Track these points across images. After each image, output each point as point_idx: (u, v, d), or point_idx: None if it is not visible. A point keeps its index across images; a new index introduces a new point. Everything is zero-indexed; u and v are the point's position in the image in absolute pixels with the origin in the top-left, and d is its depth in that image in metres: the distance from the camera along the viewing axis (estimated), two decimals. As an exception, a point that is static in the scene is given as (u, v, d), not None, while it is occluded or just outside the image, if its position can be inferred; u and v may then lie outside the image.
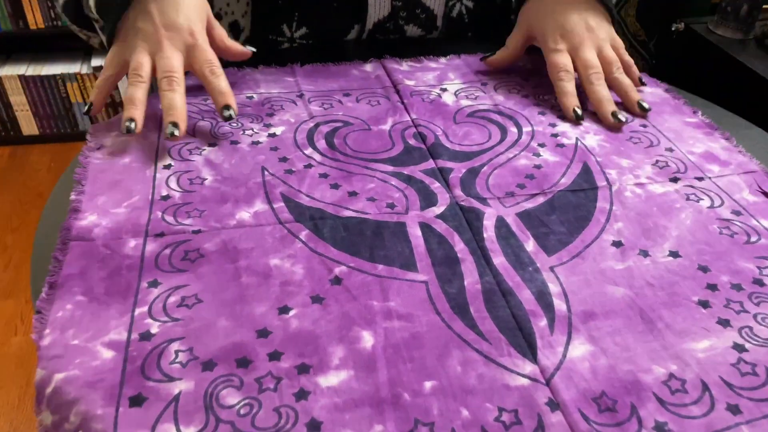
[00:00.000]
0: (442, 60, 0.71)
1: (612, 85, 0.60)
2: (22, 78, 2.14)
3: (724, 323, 0.39)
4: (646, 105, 0.59)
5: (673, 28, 0.85)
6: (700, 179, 0.52)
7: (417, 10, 0.73)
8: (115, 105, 2.21)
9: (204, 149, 0.53)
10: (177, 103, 0.51)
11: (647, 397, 0.34)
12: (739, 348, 0.37)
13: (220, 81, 0.53)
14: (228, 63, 0.68)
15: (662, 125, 0.60)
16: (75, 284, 0.40)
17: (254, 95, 0.61)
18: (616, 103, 0.60)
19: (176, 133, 0.50)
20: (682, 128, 0.59)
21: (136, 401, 0.33)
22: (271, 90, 0.62)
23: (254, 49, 0.61)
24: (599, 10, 0.63)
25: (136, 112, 0.51)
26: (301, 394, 0.34)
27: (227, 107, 0.52)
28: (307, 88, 0.63)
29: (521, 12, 0.65)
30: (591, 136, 0.58)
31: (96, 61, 2.18)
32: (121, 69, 0.55)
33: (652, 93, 0.66)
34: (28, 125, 2.25)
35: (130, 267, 0.41)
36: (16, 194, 2.04)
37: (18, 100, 2.19)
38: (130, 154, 0.52)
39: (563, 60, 0.60)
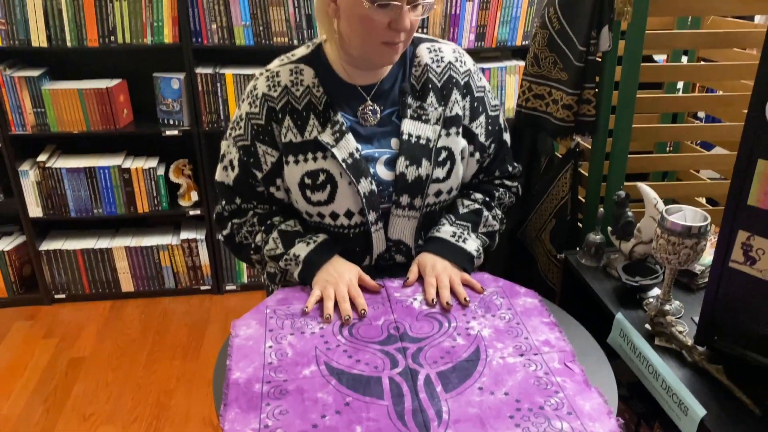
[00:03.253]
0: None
1: (453, 290, 1.19)
2: (127, 249, 2.79)
3: (518, 425, 0.88)
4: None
5: (556, 257, 1.38)
6: (536, 355, 1.03)
7: (401, 246, 1.29)
8: (195, 269, 2.82)
9: (287, 337, 1.07)
10: (348, 307, 1.14)
11: (471, 454, 0.84)
12: (519, 436, 0.87)
13: (356, 301, 1.16)
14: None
15: (528, 323, 1.12)
16: (234, 404, 0.92)
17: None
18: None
19: (351, 317, 1.12)
20: (538, 325, 1.11)
21: (265, 451, 0.84)
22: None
23: (383, 284, 1.23)
24: (453, 264, 1.24)
25: (330, 310, 1.13)
26: (330, 450, 0.85)
27: (348, 317, 1.13)
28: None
29: (418, 257, 1.27)
30: (486, 329, 1.10)
31: (184, 235, 2.83)
32: (318, 294, 1.17)
33: (531, 302, 1.18)
34: (126, 284, 2.87)
35: (257, 397, 0.94)
36: (115, 340, 2.60)
37: (121, 265, 2.83)
38: (252, 339, 1.06)
39: (432, 281, 1.19)
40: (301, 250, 1.23)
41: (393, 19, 1.10)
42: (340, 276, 1.19)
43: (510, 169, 1.38)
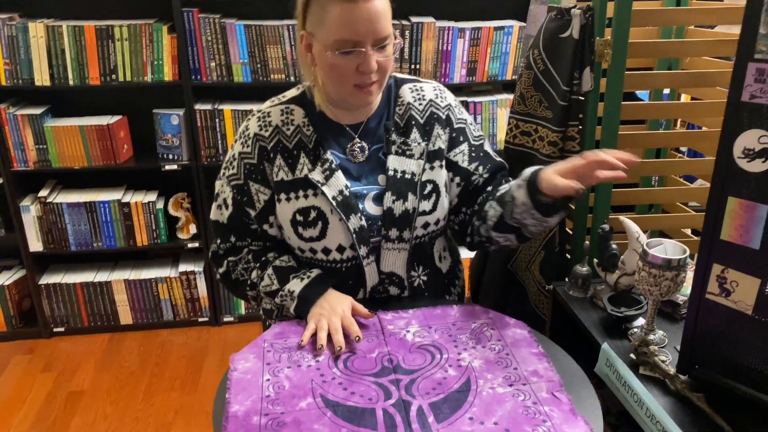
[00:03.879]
0: (410, 311, 1.29)
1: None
2: (126, 281, 2.82)
3: (506, 454, 0.92)
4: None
5: (546, 288, 1.43)
6: (525, 384, 1.07)
7: (393, 278, 1.33)
8: (193, 300, 2.85)
9: (284, 370, 1.11)
10: (341, 338, 1.15)
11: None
12: (507, 464, 0.90)
13: (349, 329, 1.19)
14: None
15: (517, 354, 1.16)
16: (233, 436, 0.96)
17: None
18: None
19: (343, 348, 1.15)
20: (527, 355, 1.15)
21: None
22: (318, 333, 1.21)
23: (374, 314, 1.25)
24: None
25: (323, 341, 1.16)
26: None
27: (340, 348, 1.16)
28: (334, 332, 1.22)
29: (544, 176, 1.14)
30: (477, 360, 1.13)
31: (182, 267, 2.86)
32: (313, 327, 1.20)
33: (520, 333, 1.22)
34: (125, 316, 2.89)
35: (255, 429, 0.97)
36: (114, 373, 2.61)
37: (120, 297, 2.86)
38: (250, 373, 1.10)
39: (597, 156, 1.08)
40: (296, 285, 1.27)
41: (359, 63, 1.16)
42: (333, 308, 1.23)
43: None
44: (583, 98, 1.44)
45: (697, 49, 1.54)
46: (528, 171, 1.21)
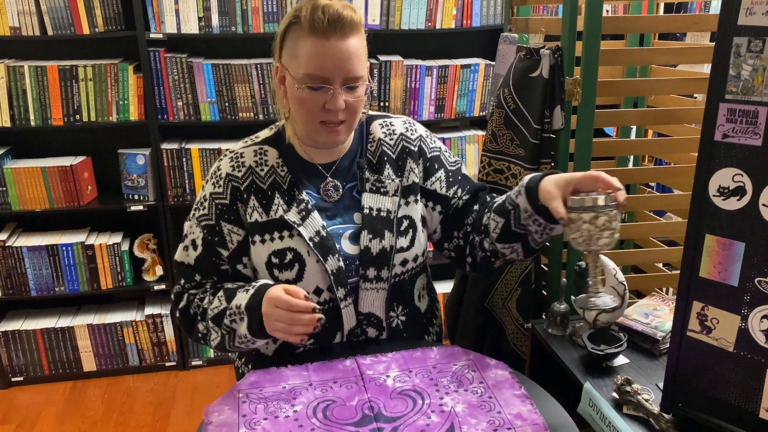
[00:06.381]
0: (389, 355, 1.27)
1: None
2: (90, 326, 2.72)
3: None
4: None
5: (524, 327, 1.42)
6: (509, 429, 1.05)
7: (372, 319, 1.30)
8: (160, 344, 2.77)
9: (260, 422, 1.06)
10: (303, 329, 1.11)
11: None
12: None
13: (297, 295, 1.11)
14: (272, 361, 1.24)
15: (500, 396, 1.13)
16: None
17: (286, 385, 1.16)
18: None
19: (321, 321, 1.10)
20: (510, 398, 1.13)
21: None
22: (295, 381, 1.17)
23: (320, 323, 1.12)
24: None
25: (305, 336, 1.13)
26: None
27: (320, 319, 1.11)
28: (314, 379, 1.18)
29: (544, 188, 1.11)
30: (459, 405, 1.11)
31: (148, 310, 2.78)
32: (284, 337, 1.14)
33: (502, 374, 1.20)
34: (88, 363, 2.78)
35: (232, 487, 0.92)
36: (77, 423, 2.50)
37: (83, 343, 2.75)
38: (225, 426, 1.05)
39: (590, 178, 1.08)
40: (242, 299, 1.18)
41: (326, 100, 1.17)
42: (272, 312, 1.12)
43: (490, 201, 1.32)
44: (554, 136, 1.46)
45: (663, 87, 1.58)
46: (527, 177, 1.20)
